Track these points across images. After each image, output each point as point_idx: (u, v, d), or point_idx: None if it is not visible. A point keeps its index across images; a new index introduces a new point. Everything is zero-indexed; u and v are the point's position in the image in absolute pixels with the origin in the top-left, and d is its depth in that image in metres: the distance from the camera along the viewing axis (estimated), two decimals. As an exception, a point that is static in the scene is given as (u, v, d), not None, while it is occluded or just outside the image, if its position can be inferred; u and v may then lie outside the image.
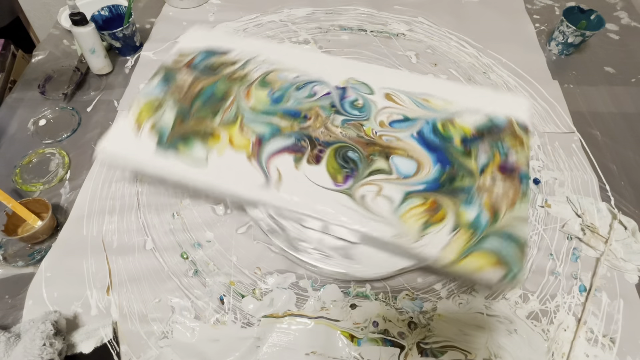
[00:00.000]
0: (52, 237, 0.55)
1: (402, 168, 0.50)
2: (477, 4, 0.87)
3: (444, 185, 0.49)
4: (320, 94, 0.58)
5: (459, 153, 0.52)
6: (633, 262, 0.52)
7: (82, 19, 0.66)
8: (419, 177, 0.49)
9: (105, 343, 0.47)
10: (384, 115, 0.55)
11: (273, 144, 0.52)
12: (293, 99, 0.57)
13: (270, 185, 0.49)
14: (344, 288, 0.51)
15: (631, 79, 0.74)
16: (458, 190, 0.48)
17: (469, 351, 0.46)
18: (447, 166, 0.50)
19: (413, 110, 0.56)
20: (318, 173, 0.50)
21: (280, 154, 0.51)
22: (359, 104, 0.56)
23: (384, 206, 0.47)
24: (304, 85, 0.58)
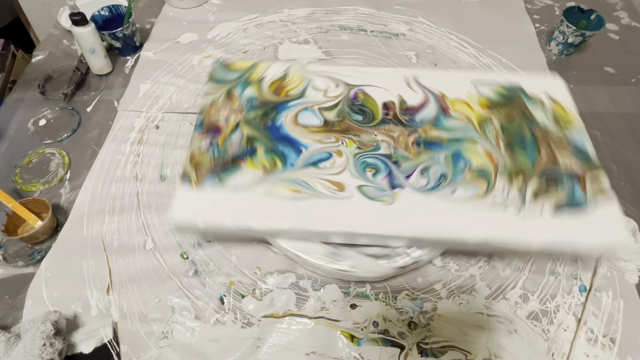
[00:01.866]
0: (52, 237, 0.55)
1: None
2: (477, 4, 0.87)
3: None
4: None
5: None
6: (633, 262, 0.52)
7: (82, 19, 0.66)
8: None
9: (105, 343, 0.47)
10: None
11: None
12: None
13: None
14: (344, 288, 0.51)
15: (631, 79, 0.74)
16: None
17: (469, 351, 0.46)
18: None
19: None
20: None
21: None
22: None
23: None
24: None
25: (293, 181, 0.49)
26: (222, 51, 0.77)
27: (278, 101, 0.57)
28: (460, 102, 0.57)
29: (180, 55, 0.77)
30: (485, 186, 0.49)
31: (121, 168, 0.62)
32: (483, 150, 0.52)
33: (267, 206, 0.48)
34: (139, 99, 0.70)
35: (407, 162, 0.51)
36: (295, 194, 0.48)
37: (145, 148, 0.64)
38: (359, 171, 0.50)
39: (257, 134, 0.53)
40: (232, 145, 0.52)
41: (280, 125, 0.54)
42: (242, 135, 0.53)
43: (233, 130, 0.54)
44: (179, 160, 0.63)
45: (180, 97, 0.71)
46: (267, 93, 0.58)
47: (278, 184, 0.49)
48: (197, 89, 0.72)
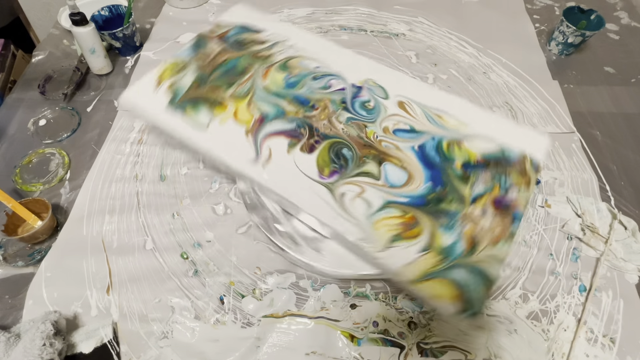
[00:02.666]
0: (52, 237, 0.55)
1: (392, 177, 0.49)
2: (477, 4, 0.87)
3: (429, 203, 0.47)
4: (334, 87, 0.58)
5: (456, 176, 0.49)
6: (633, 262, 0.52)
7: (82, 19, 0.66)
8: (406, 189, 0.48)
9: (105, 343, 0.47)
10: (390, 122, 0.55)
11: (273, 124, 0.53)
12: (307, 87, 0.58)
13: (258, 162, 0.50)
14: (344, 288, 0.51)
15: (631, 79, 0.74)
16: (442, 213, 0.46)
17: (469, 351, 0.46)
18: (439, 186, 0.48)
19: (423, 123, 0.55)
20: (307, 162, 0.50)
21: (277, 136, 0.52)
22: (369, 105, 0.56)
23: (360, 208, 0.47)
24: (321, 77, 0.59)
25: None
26: (222, 51, 0.77)
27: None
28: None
29: (180, 55, 0.77)
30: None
31: (121, 168, 0.62)
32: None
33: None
34: (139, 99, 0.70)
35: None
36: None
37: (145, 148, 0.64)
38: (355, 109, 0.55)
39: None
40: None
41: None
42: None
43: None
44: (179, 160, 0.63)
45: (180, 97, 0.71)
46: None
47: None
48: (197, 89, 0.72)
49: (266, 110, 0.55)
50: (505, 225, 0.46)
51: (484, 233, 0.45)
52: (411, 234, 0.45)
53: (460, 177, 0.49)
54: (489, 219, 0.46)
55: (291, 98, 0.56)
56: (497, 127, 0.55)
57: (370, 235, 0.45)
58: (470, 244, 0.44)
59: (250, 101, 0.56)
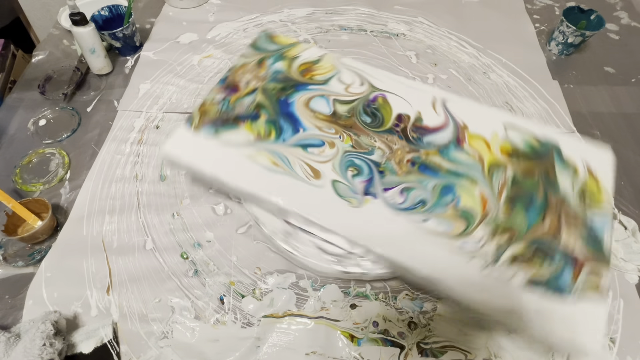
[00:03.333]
0: (52, 237, 0.55)
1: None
2: (477, 4, 0.87)
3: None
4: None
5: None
6: (633, 262, 0.52)
7: (82, 19, 0.66)
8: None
9: (105, 343, 0.47)
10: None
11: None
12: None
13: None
14: (344, 288, 0.51)
15: (631, 79, 0.73)
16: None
17: (469, 351, 0.46)
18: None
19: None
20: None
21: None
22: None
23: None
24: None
25: (277, 154, 0.51)
26: (222, 51, 0.77)
27: (300, 81, 0.59)
28: (480, 139, 0.53)
29: (180, 55, 0.77)
30: (463, 228, 0.46)
31: (121, 168, 0.62)
32: (479, 194, 0.48)
33: (244, 167, 0.50)
34: (139, 99, 0.70)
35: (392, 176, 0.50)
36: (273, 165, 0.50)
37: (145, 148, 0.64)
38: (341, 167, 0.51)
39: (267, 103, 0.56)
40: (241, 106, 0.56)
41: (291, 102, 0.56)
42: (253, 100, 0.57)
43: (249, 93, 0.58)
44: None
45: (180, 97, 0.71)
46: (294, 71, 0.60)
47: (262, 152, 0.52)
48: (197, 89, 0.72)
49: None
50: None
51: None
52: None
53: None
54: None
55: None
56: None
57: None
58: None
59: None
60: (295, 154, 0.51)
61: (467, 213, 0.47)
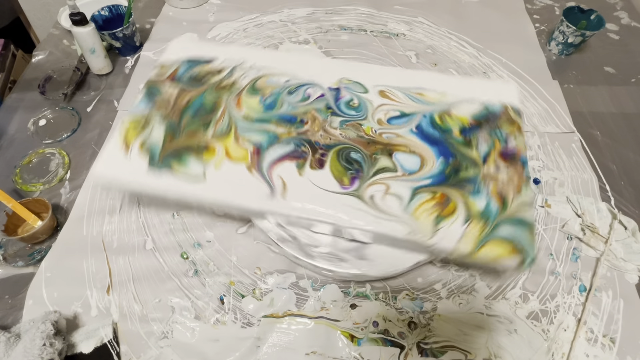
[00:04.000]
0: (52, 237, 0.55)
1: (407, 164, 0.50)
2: (477, 4, 0.87)
3: (450, 177, 0.49)
4: (314, 96, 0.56)
5: (459, 144, 0.52)
6: (633, 262, 0.52)
7: (82, 19, 0.66)
8: (424, 171, 0.49)
9: (105, 343, 0.47)
10: (381, 113, 0.55)
11: (272, 152, 0.51)
12: (287, 103, 0.55)
13: (276, 194, 0.47)
14: (344, 288, 0.51)
15: (631, 79, 0.73)
16: (464, 181, 0.48)
17: (469, 351, 0.46)
18: (450, 158, 0.50)
19: (409, 105, 0.56)
20: (323, 177, 0.49)
21: (282, 162, 0.50)
22: (354, 103, 0.56)
23: (394, 204, 0.47)
24: (296, 89, 0.57)
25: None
26: (222, 51, 0.77)
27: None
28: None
29: (180, 55, 0.77)
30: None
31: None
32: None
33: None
34: (139, 99, 0.70)
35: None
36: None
37: (145, 148, 0.64)
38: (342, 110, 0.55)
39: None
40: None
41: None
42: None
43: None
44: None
45: (180, 97, 0.70)
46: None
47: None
48: (197, 89, 0.71)
49: (258, 139, 0.52)
50: (519, 171, 0.49)
51: (506, 185, 0.48)
52: (448, 211, 0.46)
53: (463, 143, 0.52)
54: (504, 171, 0.49)
55: (277, 119, 0.54)
56: (472, 88, 0.58)
57: (415, 225, 0.45)
58: (499, 199, 0.47)
59: (236, 135, 0.52)
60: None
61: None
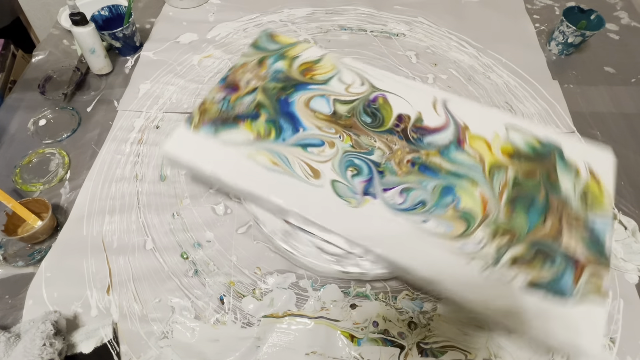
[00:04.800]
0: (52, 237, 0.55)
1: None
2: (477, 4, 0.87)
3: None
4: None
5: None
6: (633, 262, 0.52)
7: (82, 19, 0.66)
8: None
9: (105, 343, 0.47)
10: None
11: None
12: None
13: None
14: (344, 288, 0.51)
15: (631, 79, 0.73)
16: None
17: (469, 351, 0.46)
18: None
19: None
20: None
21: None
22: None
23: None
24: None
25: (276, 153, 0.51)
26: (222, 51, 0.77)
27: (301, 81, 0.59)
28: (481, 140, 0.53)
29: (180, 55, 0.77)
30: (463, 229, 0.45)
31: (121, 168, 0.62)
32: (479, 195, 0.48)
33: (244, 167, 0.50)
34: (139, 99, 0.70)
35: (392, 177, 0.49)
36: (273, 165, 0.50)
37: (145, 148, 0.64)
38: (341, 167, 0.50)
39: (267, 103, 0.56)
40: (241, 105, 0.56)
41: (291, 102, 0.56)
42: (254, 99, 0.57)
43: (249, 92, 0.58)
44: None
45: (180, 97, 0.71)
46: (295, 71, 0.60)
47: (262, 151, 0.52)
48: (197, 89, 0.72)
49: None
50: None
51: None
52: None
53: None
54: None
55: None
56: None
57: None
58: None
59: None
60: (295, 153, 0.51)
61: (467, 214, 0.46)
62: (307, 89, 0.58)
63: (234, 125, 0.54)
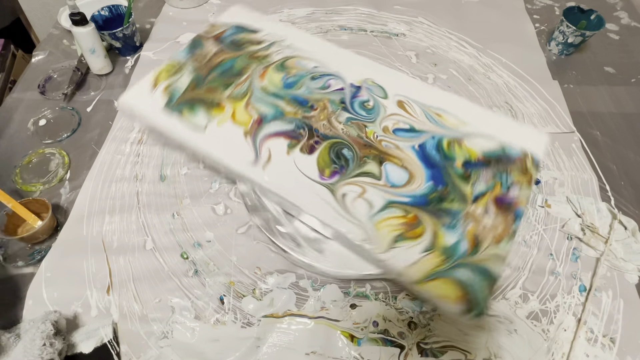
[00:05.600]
0: (52, 237, 0.55)
1: (393, 176, 0.49)
2: (477, 4, 0.87)
3: (431, 203, 0.47)
4: (333, 88, 0.58)
5: (457, 175, 0.49)
6: (633, 262, 0.52)
7: (82, 19, 0.66)
8: (408, 189, 0.48)
9: (105, 343, 0.47)
10: (390, 121, 0.54)
11: (272, 126, 0.53)
12: (305, 87, 0.57)
13: (258, 163, 0.50)
14: (344, 288, 0.51)
15: (631, 79, 0.73)
16: (444, 212, 0.46)
17: (469, 351, 0.46)
18: (440, 185, 0.48)
19: (422, 122, 0.54)
20: (308, 163, 0.50)
21: (276, 137, 0.52)
22: (368, 105, 0.56)
23: (362, 209, 0.47)
24: (319, 77, 0.59)
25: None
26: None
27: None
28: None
29: (180, 55, 0.77)
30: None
31: (121, 168, 0.62)
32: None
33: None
34: (139, 99, 0.70)
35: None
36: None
37: (145, 148, 0.64)
38: (355, 110, 0.55)
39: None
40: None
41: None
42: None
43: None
44: (179, 160, 0.63)
45: (180, 97, 0.71)
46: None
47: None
48: (197, 89, 0.72)
49: (264, 111, 0.55)
50: (508, 223, 0.46)
51: (486, 232, 0.45)
52: (414, 234, 0.45)
53: (462, 175, 0.50)
54: (491, 217, 0.46)
55: (289, 98, 0.56)
56: (497, 125, 0.55)
57: (373, 235, 0.45)
58: (473, 243, 0.45)
59: (248, 102, 0.55)
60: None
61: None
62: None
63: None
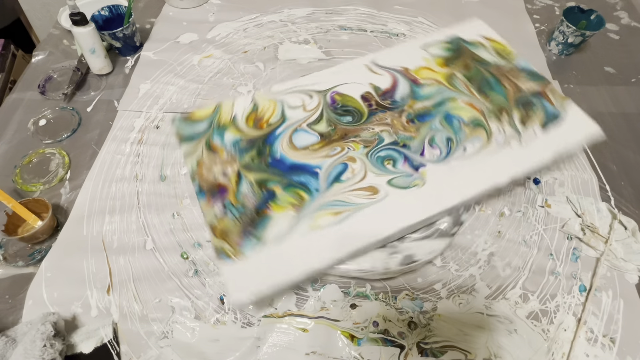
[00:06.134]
0: (52, 237, 0.55)
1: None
2: (477, 4, 0.87)
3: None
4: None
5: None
6: (633, 262, 0.52)
7: (82, 19, 0.66)
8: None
9: (106, 343, 0.47)
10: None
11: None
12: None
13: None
14: (344, 288, 0.51)
15: (631, 79, 0.73)
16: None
17: (469, 351, 0.46)
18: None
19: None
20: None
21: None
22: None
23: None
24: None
25: (329, 205, 0.47)
26: (222, 51, 0.77)
27: (264, 134, 0.54)
28: (423, 69, 0.61)
29: (180, 55, 0.77)
30: (485, 133, 0.53)
31: (121, 168, 0.62)
32: (465, 104, 0.56)
33: (314, 241, 0.45)
34: (139, 99, 0.70)
35: (413, 141, 0.53)
36: (338, 216, 0.46)
37: (145, 148, 0.64)
38: (379, 167, 0.51)
39: (264, 176, 0.50)
40: (247, 198, 0.48)
41: (281, 156, 0.52)
42: (250, 183, 0.49)
43: (238, 182, 0.50)
44: (179, 160, 0.63)
45: (180, 97, 0.71)
46: (248, 130, 0.54)
47: (317, 214, 0.47)
48: (197, 89, 0.72)
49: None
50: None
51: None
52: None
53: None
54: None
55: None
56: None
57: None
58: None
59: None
60: (340, 191, 0.48)
61: (475, 121, 0.54)
62: (277, 135, 0.54)
63: (266, 218, 0.47)
